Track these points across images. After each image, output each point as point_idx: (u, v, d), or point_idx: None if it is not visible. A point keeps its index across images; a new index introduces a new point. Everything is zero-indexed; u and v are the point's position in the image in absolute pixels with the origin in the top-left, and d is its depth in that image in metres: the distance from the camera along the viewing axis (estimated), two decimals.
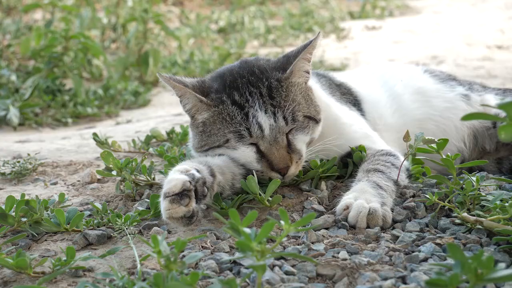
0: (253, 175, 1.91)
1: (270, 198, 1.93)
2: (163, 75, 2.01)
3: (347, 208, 1.81)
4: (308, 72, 2.09)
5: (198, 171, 1.81)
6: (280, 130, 1.96)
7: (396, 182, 1.95)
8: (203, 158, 2.01)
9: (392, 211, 1.86)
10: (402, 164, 2.02)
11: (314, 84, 2.20)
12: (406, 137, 2.00)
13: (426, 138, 1.96)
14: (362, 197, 1.81)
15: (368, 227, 1.76)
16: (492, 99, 2.50)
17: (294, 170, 1.99)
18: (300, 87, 2.05)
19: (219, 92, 2.01)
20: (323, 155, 2.12)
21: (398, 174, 1.98)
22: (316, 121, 2.06)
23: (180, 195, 1.71)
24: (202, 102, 2.00)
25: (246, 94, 1.98)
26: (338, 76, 2.56)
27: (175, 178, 1.74)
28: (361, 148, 2.12)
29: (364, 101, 2.42)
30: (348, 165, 2.16)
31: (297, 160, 1.99)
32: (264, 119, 1.94)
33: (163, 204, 1.73)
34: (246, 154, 1.98)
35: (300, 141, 2.01)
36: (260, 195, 1.91)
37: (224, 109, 1.97)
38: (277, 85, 2.00)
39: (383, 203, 1.81)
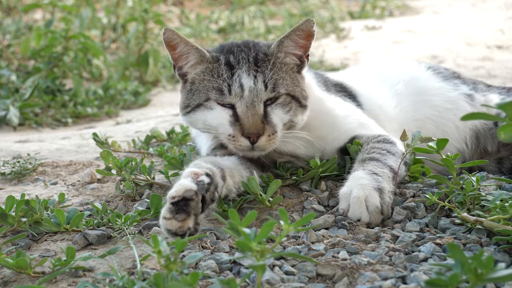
0: (253, 174, 1.91)
1: (270, 199, 1.93)
2: (169, 29, 2.05)
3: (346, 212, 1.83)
4: (298, 57, 2.12)
5: (211, 175, 1.81)
6: (258, 94, 2.00)
7: (392, 169, 1.95)
8: (212, 157, 2.02)
9: (392, 210, 1.86)
10: (403, 158, 2.01)
11: (310, 79, 2.25)
12: (403, 136, 2.00)
13: (424, 136, 1.95)
14: (356, 183, 1.83)
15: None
16: (496, 99, 2.46)
17: (264, 141, 1.97)
18: (288, 67, 2.10)
19: (217, 53, 2.11)
20: (319, 148, 2.13)
21: (399, 167, 1.96)
22: (300, 104, 2.07)
23: (177, 207, 1.67)
24: (204, 57, 2.07)
25: (238, 58, 2.06)
26: (335, 77, 2.55)
27: (180, 184, 1.72)
28: (357, 143, 2.12)
29: (359, 94, 2.41)
30: (346, 160, 2.16)
31: (269, 134, 1.98)
32: (246, 81, 2.00)
33: (162, 211, 1.70)
34: (222, 115, 2.01)
35: (277, 117, 2.02)
36: (260, 195, 1.91)
37: (216, 67, 2.05)
38: (263, 58, 2.08)
39: (380, 188, 1.82)
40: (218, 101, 2.01)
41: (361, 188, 1.80)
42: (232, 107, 2.00)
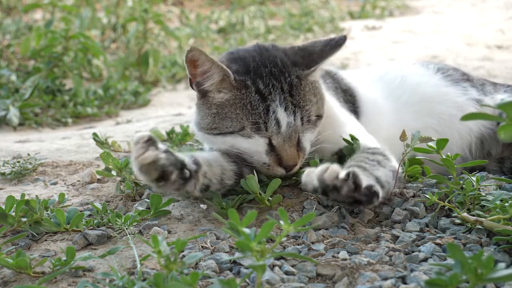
0: (253, 173, 1.91)
1: (270, 198, 1.93)
2: (196, 48, 1.92)
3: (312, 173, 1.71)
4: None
5: (172, 153, 1.79)
6: (296, 129, 1.97)
7: (379, 181, 1.82)
8: (188, 152, 1.98)
9: (392, 212, 1.86)
10: (398, 170, 1.97)
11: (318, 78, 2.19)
12: (403, 136, 1.99)
13: (423, 136, 1.95)
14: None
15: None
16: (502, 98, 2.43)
17: (298, 168, 2.00)
18: (314, 85, 2.05)
19: (241, 75, 1.98)
20: (318, 151, 2.10)
21: (396, 182, 1.95)
22: (321, 118, 2.06)
23: (147, 143, 1.71)
24: (228, 78, 1.95)
25: (269, 86, 1.96)
26: (347, 78, 2.47)
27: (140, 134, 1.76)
28: (353, 137, 2.07)
29: (364, 114, 2.35)
30: (342, 161, 2.13)
31: (302, 159, 2.00)
32: (283, 116, 1.94)
33: (132, 154, 1.72)
34: (259, 144, 1.96)
35: (307, 140, 2.02)
36: (260, 194, 1.91)
37: (247, 95, 1.95)
38: (297, 83, 1.99)
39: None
40: (254, 132, 1.95)
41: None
42: (267, 137, 1.96)
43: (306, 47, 2.11)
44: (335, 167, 1.66)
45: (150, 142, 1.72)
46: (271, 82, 1.97)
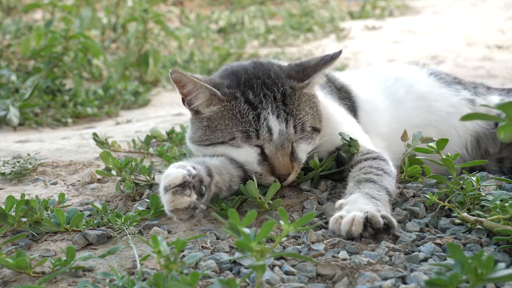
0: (252, 179, 1.91)
1: (270, 201, 1.93)
2: (177, 70, 1.96)
3: (340, 218, 1.71)
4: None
5: (194, 168, 1.80)
6: (288, 137, 1.97)
7: (389, 192, 1.86)
8: (200, 158, 2.01)
9: (392, 212, 1.86)
10: (397, 174, 1.97)
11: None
12: (404, 137, 1.98)
13: (424, 136, 1.95)
14: (354, 207, 1.72)
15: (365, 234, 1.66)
16: (496, 100, 2.45)
17: (292, 177, 2.00)
18: (309, 97, 2.06)
19: (232, 88, 2.00)
20: (314, 149, 2.10)
21: (395, 184, 1.94)
22: (319, 131, 2.07)
23: (182, 186, 1.71)
24: (215, 96, 1.98)
25: (260, 96, 1.98)
26: (341, 77, 2.50)
27: (174, 171, 1.74)
28: (351, 138, 2.07)
29: (360, 108, 2.37)
30: (338, 157, 2.13)
31: (296, 169, 2.00)
32: (275, 123, 1.95)
33: (166, 197, 1.72)
34: (249, 154, 1.97)
35: (303, 151, 2.02)
36: (260, 198, 1.90)
37: (236, 105, 1.97)
38: (290, 93, 2.01)
39: (379, 211, 1.71)
40: (244, 141, 1.96)
41: (358, 209, 1.69)
42: (259, 146, 1.96)
43: (301, 63, 2.13)
44: (360, 218, 1.65)
45: (185, 183, 1.72)
46: (262, 91, 1.98)
